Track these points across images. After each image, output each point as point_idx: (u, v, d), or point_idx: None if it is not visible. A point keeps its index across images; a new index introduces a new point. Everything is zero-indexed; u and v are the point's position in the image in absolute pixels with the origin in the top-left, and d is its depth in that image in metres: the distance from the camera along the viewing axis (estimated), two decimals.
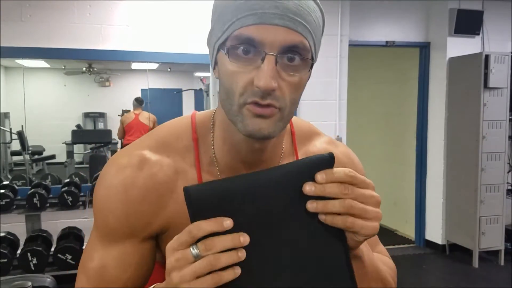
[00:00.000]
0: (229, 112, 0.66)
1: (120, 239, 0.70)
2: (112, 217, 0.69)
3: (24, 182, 3.59)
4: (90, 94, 5.26)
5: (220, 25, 0.65)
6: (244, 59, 0.63)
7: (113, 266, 0.70)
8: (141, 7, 3.59)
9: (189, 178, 0.71)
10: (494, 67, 3.84)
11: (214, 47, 0.68)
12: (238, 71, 0.63)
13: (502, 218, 3.99)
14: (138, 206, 0.69)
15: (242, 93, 0.63)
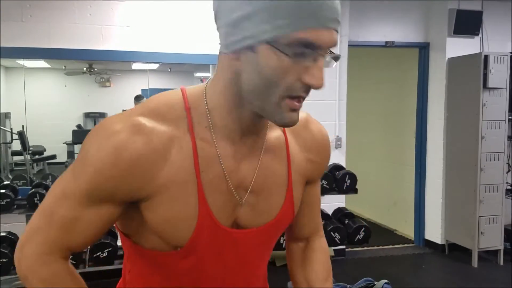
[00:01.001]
0: (262, 100, 0.69)
1: (100, 201, 0.71)
2: (100, 178, 0.68)
3: (24, 182, 3.59)
4: (91, 94, 5.26)
5: (271, 18, 0.62)
6: (297, 57, 0.64)
7: (83, 224, 0.72)
8: (142, 7, 3.60)
9: (184, 145, 0.72)
10: (493, 67, 3.85)
11: (253, 36, 0.64)
12: (287, 67, 0.65)
13: (501, 218, 4.00)
14: (129, 171, 0.68)
15: (289, 88, 0.67)
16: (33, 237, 0.73)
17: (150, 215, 0.73)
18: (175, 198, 0.72)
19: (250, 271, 0.85)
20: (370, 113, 5.81)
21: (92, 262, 2.99)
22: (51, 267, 0.74)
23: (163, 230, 0.73)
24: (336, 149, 4.13)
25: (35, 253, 0.73)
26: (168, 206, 0.72)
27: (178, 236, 0.73)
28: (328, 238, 3.43)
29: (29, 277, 0.74)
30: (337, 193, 3.72)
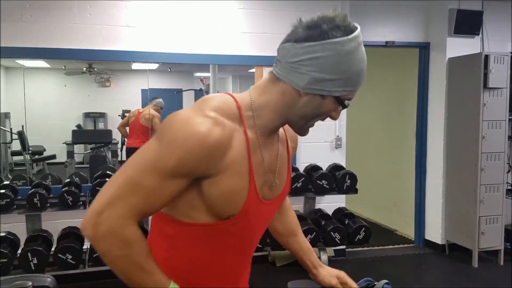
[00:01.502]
0: (305, 121, 1.00)
1: (181, 176, 0.90)
2: (188, 157, 0.87)
3: (24, 182, 3.59)
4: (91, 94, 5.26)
5: (343, 84, 0.94)
6: (337, 106, 0.98)
7: (165, 192, 0.90)
8: (142, 7, 3.59)
9: (240, 136, 0.95)
10: (493, 67, 3.84)
11: (332, 91, 0.94)
12: (329, 108, 0.98)
13: (501, 218, 3.99)
14: (210, 153, 0.89)
15: (318, 118, 1.00)
16: (114, 203, 0.87)
17: (214, 189, 0.93)
18: (234, 175, 0.94)
19: (262, 234, 1.13)
20: (370, 113, 5.81)
21: (92, 262, 2.99)
22: (131, 229, 0.89)
23: (222, 201, 0.95)
24: (336, 149, 4.12)
25: (117, 217, 0.87)
26: (229, 181, 0.93)
27: (233, 206, 0.96)
28: (328, 238, 3.44)
29: (108, 238, 0.87)
30: (337, 193, 3.72)
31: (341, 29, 0.91)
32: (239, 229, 1.01)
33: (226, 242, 1.02)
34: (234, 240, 1.03)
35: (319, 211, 3.75)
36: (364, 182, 4.14)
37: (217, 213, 0.96)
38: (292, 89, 0.96)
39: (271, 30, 3.85)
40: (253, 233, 1.07)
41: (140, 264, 0.90)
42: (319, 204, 3.96)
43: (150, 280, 0.91)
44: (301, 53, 0.94)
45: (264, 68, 3.87)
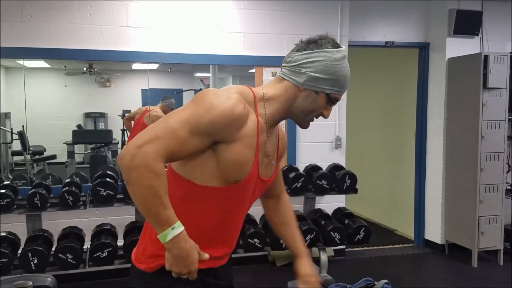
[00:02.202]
0: (304, 114, 1.26)
1: (206, 134, 1.11)
2: (218, 120, 1.09)
3: (25, 182, 3.60)
4: (91, 94, 5.25)
5: (334, 84, 1.22)
6: (328, 105, 1.26)
7: (189, 145, 1.11)
8: (142, 7, 3.60)
9: (253, 117, 1.18)
10: (493, 67, 3.85)
11: (325, 89, 1.22)
12: (323, 107, 1.25)
13: (501, 218, 4.00)
14: (234, 122, 1.12)
15: (315, 114, 1.27)
16: (153, 142, 1.06)
17: (228, 154, 1.15)
18: (245, 147, 1.16)
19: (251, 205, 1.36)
20: (370, 113, 5.81)
21: (92, 262, 2.99)
22: (161, 165, 1.07)
23: (233, 166, 1.16)
24: (336, 149, 4.13)
25: (153, 152, 1.05)
26: (240, 150, 1.15)
27: (241, 173, 1.18)
28: (328, 238, 3.45)
29: (141, 168, 1.04)
30: (337, 193, 3.72)
31: (331, 43, 1.23)
32: (240, 194, 1.23)
33: (228, 205, 1.24)
34: (234, 203, 1.25)
35: (319, 211, 3.75)
36: (364, 182, 4.14)
37: (226, 177, 1.17)
38: (293, 86, 1.23)
39: (271, 30, 3.85)
40: (247, 200, 1.29)
41: (161, 196, 1.06)
42: (319, 204, 3.96)
43: (164, 213, 1.07)
44: (301, 59, 1.23)
45: (264, 68, 3.88)
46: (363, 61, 5.52)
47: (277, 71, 3.89)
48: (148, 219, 1.12)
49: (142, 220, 3.32)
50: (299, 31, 3.93)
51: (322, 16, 4.00)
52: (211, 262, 1.23)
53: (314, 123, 1.31)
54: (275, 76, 3.93)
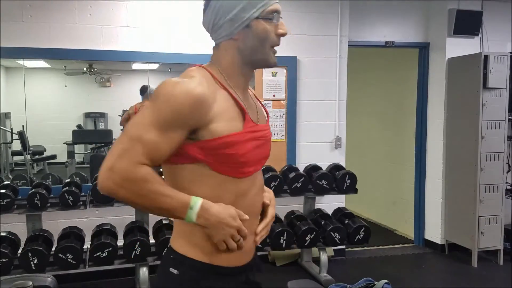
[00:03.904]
0: (261, 53, 1.18)
1: (177, 127, 1.05)
2: (181, 108, 1.04)
3: (25, 182, 3.59)
4: (91, 94, 5.26)
5: (253, 5, 1.12)
6: (273, 21, 1.16)
7: (165, 144, 1.05)
8: (142, 7, 3.60)
9: (222, 92, 1.14)
10: (493, 67, 3.85)
11: (249, 17, 1.13)
12: (270, 29, 1.15)
13: (501, 218, 4.00)
14: (197, 103, 1.05)
15: (272, 40, 1.17)
16: (122, 155, 1.02)
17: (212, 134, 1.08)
18: (227, 120, 1.10)
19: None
20: (370, 113, 5.81)
21: (92, 262, 2.99)
22: (145, 168, 1.03)
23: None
24: (336, 149, 4.13)
25: (126, 164, 1.01)
26: (222, 126, 1.09)
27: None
28: (328, 238, 3.45)
29: (124, 184, 1.01)
30: (337, 193, 3.72)
31: None
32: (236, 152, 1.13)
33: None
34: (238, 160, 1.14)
35: (319, 211, 3.75)
36: (364, 182, 4.14)
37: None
38: (228, 42, 1.19)
39: None
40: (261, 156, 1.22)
41: (159, 192, 1.04)
42: (319, 204, 3.97)
43: (172, 203, 1.05)
44: (209, 19, 1.20)
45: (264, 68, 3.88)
46: (363, 61, 5.52)
47: (277, 71, 3.91)
48: (169, 216, 1.12)
49: (142, 220, 3.33)
50: (299, 31, 3.93)
51: (322, 16, 4.00)
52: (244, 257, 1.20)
53: (314, 123, 1.31)
54: (275, 76, 3.96)
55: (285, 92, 3.93)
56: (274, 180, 3.41)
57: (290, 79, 3.93)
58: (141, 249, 3.01)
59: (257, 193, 1.22)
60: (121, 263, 3.08)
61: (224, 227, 1.08)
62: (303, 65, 3.98)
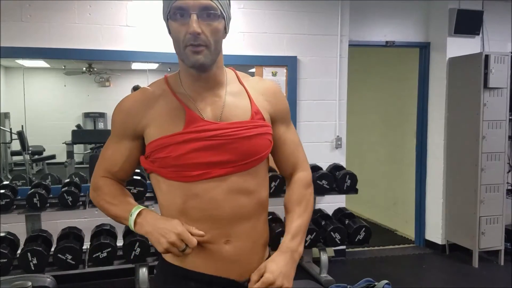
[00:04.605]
0: (179, 54, 1.11)
1: (122, 137, 1.18)
2: (117, 119, 1.19)
3: (24, 182, 3.58)
4: (90, 94, 5.26)
5: (166, 3, 1.11)
6: (180, 19, 1.07)
7: (118, 154, 1.20)
8: (142, 7, 3.59)
9: (168, 95, 1.16)
10: (494, 67, 3.84)
11: (166, 18, 1.12)
12: (179, 28, 1.07)
13: (502, 218, 3.99)
14: (126, 115, 1.17)
15: (183, 40, 1.07)
16: (95, 171, 1.24)
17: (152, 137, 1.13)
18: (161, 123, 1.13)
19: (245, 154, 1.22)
20: (370, 113, 5.80)
21: (91, 263, 2.98)
22: (103, 180, 1.22)
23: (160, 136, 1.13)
24: (336, 149, 4.12)
25: (94, 178, 1.24)
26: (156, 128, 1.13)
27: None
28: (328, 238, 3.44)
29: (90, 191, 1.25)
30: (337, 193, 3.71)
31: None
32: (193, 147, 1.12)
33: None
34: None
35: (319, 211, 3.74)
36: (364, 182, 4.13)
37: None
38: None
39: (271, 30, 3.84)
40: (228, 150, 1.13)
41: (107, 200, 1.19)
42: (319, 204, 3.96)
43: (118, 209, 1.16)
44: None
45: (264, 67, 3.87)
46: (363, 61, 5.51)
47: (277, 71, 3.91)
48: (121, 223, 1.18)
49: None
50: (299, 31, 3.92)
51: (322, 16, 3.99)
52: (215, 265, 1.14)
53: (314, 123, 1.28)
54: (275, 75, 3.95)
55: (285, 92, 3.92)
56: (274, 180, 3.39)
57: (290, 78, 3.92)
58: (140, 250, 3.00)
59: (226, 201, 1.11)
60: (121, 264, 3.06)
61: (160, 237, 1.06)
62: (303, 65, 3.97)
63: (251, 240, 1.16)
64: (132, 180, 3.14)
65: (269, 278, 1.08)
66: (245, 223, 1.14)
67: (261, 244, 1.20)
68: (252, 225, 1.16)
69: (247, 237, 1.15)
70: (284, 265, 1.12)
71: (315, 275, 3.65)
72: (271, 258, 1.14)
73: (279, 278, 1.09)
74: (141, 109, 1.14)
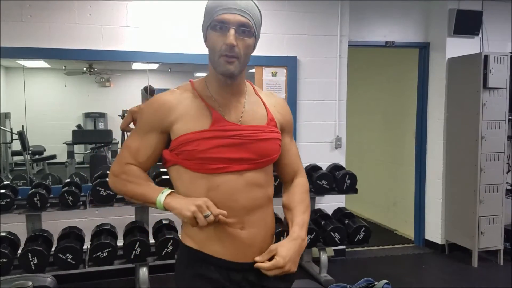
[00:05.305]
0: (212, 61, 1.27)
1: (150, 131, 1.29)
2: (148, 113, 1.31)
3: (24, 182, 3.59)
4: (91, 94, 5.26)
5: (208, 16, 1.24)
6: (219, 31, 1.21)
7: (145, 145, 1.30)
8: (142, 7, 3.59)
9: (195, 97, 1.30)
10: (493, 67, 3.85)
11: (206, 28, 1.26)
12: (217, 38, 1.22)
13: (501, 218, 4.00)
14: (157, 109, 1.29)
15: (219, 50, 1.22)
16: (117, 161, 1.34)
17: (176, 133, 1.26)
18: (190, 121, 1.26)
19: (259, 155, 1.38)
20: (370, 113, 5.81)
21: (92, 262, 2.99)
22: (129, 166, 1.31)
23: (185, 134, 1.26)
24: (336, 149, 4.12)
25: (118, 165, 1.33)
26: (186, 125, 1.26)
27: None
28: (328, 238, 3.45)
29: (115, 180, 1.34)
30: (337, 193, 3.72)
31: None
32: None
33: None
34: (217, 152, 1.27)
35: (319, 211, 3.75)
36: (364, 182, 4.14)
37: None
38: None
39: (271, 30, 3.85)
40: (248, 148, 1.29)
41: (135, 181, 1.29)
42: (319, 204, 3.96)
43: (145, 189, 1.28)
44: None
45: (264, 68, 3.87)
46: (363, 61, 5.52)
47: (277, 71, 3.91)
48: (144, 202, 1.28)
49: (142, 220, 3.33)
50: (299, 31, 3.92)
51: (322, 16, 4.00)
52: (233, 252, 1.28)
53: (314, 123, 1.30)
54: (275, 76, 3.96)
55: (285, 92, 3.92)
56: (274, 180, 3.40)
57: (290, 79, 3.92)
58: (141, 249, 3.01)
59: (243, 193, 1.27)
60: (121, 263, 3.07)
61: (189, 205, 1.18)
62: (303, 65, 3.98)
63: (262, 228, 1.31)
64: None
65: (279, 262, 1.24)
66: (258, 212, 1.30)
67: (270, 233, 1.36)
68: (263, 215, 1.32)
69: (259, 225, 1.30)
70: (294, 252, 1.28)
71: (315, 274, 3.66)
72: (282, 243, 1.29)
73: (288, 263, 1.25)
74: (170, 107, 1.27)
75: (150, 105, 1.30)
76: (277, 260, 1.24)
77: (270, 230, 1.36)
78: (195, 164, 1.24)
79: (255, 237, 1.29)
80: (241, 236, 1.26)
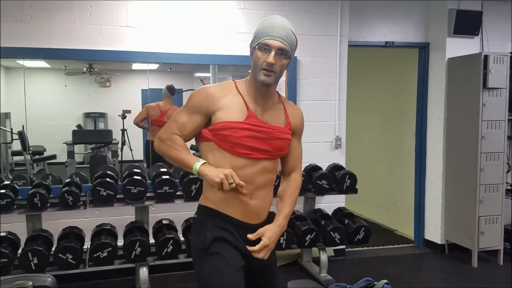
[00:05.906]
0: (254, 72, 1.61)
1: (196, 113, 1.64)
2: (197, 98, 1.64)
3: (25, 182, 3.59)
4: (91, 94, 5.26)
5: (256, 38, 1.60)
6: (264, 51, 1.58)
7: (190, 122, 1.65)
8: (142, 7, 3.60)
9: (237, 95, 1.65)
10: (493, 67, 3.85)
11: (253, 47, 1.61)
12: (261, 56, 1.58)
13: (501, 218, 4.00)
14: (207, 98, 1.63)
15: (261, 64, 1.58)
16: (165, 129, 1.68)
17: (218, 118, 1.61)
18: (229, 111, 1.61)
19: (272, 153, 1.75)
20: (370, 113, 5.81)
21: (92, 262, 2.99)
22: (175, 136, 1.65)
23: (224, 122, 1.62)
24: (336, 149, 4.13)
25: (165, 133, 1.67)
26: (225, 114, 1.60)
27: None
28: (328, 238, 3.45)
29: (161, 143, 1.68)
30: (337, 193, 3.72)
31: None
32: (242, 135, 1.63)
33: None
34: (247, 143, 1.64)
35: (319, 211, 3.75)
36: (364, 182, 4.15)
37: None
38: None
39: None
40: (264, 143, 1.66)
41: (179, 149, 1.63)
42: (319, 204, 3.96)
43: (188, 155, 1.62)
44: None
45: None
46: (363, 61, 5.52)
47: None
48: (184, 165, 1.62)
49: (142, 220, 3.33)
50: (299, 31, 3.88)
51: (322, 16, 4.00)
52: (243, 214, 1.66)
53: (314, 123, 1.32)
54: None
55: (285, 92, 3.92)
56: None
57: (290, 79, 3.93)
58: (141, 249, 3.01)
59: (257, 174, 1.64)
60: (121, 263, 3.08)
61: (218, 172, 1.53)
62: (303, 65, 3.98)
63: (264, 201, 1.70)
64: (132, 180, 3.15)
65: (266, 242, 1.64)
66: (264, 190, 1.68)
67: (268, 207, 1.75)
68: (266, 192, 1.70)
69: (263, 198, 1.69)
70: (277, 235, 1.69)
71: (314, 274, 3.66)
72: (268, 227, 1.68)
73: (272, 244, 1.67)
74: (218, 97, 1.61)
75: (199, 93, 1.64)
76: (264, 241, 1.63)
77: (269, 203, 1.74)
78: (227, 146, 1.59)
79: (259, 206, 1.68)
80: (249, 204, 1.64)
